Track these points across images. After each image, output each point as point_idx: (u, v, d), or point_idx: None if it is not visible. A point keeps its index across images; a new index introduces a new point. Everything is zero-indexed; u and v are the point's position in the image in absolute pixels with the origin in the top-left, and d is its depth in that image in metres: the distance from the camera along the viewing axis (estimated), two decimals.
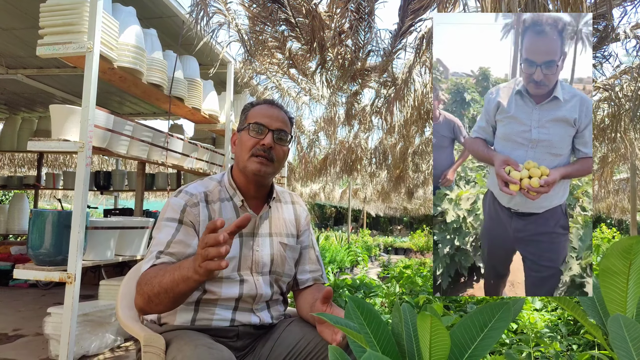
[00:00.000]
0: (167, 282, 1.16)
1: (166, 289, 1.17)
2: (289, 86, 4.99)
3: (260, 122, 1.43)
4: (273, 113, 1.47)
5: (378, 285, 3.88)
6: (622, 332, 0.68)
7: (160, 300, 1.19)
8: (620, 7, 2.51)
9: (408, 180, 8.72)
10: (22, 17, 3.59)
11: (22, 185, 6.91)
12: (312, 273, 1.57)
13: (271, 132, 1.43)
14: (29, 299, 4.83)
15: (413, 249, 13.62)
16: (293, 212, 1.61)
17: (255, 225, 1.47)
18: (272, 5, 2.94)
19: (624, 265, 0.78)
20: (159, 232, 1.36)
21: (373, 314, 0.86)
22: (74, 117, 2.72)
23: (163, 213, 1.40)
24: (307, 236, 1.62)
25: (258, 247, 1.46)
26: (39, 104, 6.29)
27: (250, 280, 1.42)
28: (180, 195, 1.42)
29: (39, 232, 2.62)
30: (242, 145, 1.44)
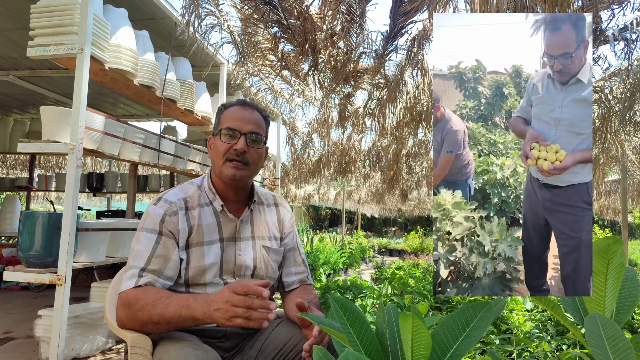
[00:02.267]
0: (171, 316, 1.18)
1: (169, 321, 1.19)
2: (282, 88, 5.00)
3: (231, 126, 1.41)
4: (245, 115, 1.44)
5: (369, 286, 3.89)
6: (598, 331, 0.69)
7: (159, 328, 1.22)
8: (608, 10, 2.53)
9: (402, 181, 8.74)
10: (13, 18, 3.58)
11: (14, 187, 6.87)
12: (297, 275, 1.57)
13: (244, 135, 1.41)
14: (20, 301, 4.81)
15: (407, 251, 13.64)
16: (276, 215, 1.61)
17: (236, 229, 1.47)
18: (264, 7, 2.94)
19: (602, 265, 0.79)
20: (138, 243, 1.35)
21: (356, 314, 0.87)
22: (65, 119, 2.71)
23: (142, 222, 1.39)
24: (292, 238, 1.61)
25: (240, 251, 1.45)
26: (31, 106, 6.26)
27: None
28: (159, 203, 1.40)
29: (29, 234, 2.61)
30: (216, 151, 1.43)
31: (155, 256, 1.31)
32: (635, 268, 10.01)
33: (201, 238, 1.40)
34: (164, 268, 1.32)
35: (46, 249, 2.60)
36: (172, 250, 1.35)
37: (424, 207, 17.46)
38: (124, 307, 1.25)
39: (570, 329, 0.88)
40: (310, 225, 21.85)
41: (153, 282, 1.29)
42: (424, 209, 18.13)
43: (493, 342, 2.43)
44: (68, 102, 5.74)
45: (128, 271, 1.32)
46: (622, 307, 0.85)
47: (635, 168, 7.31)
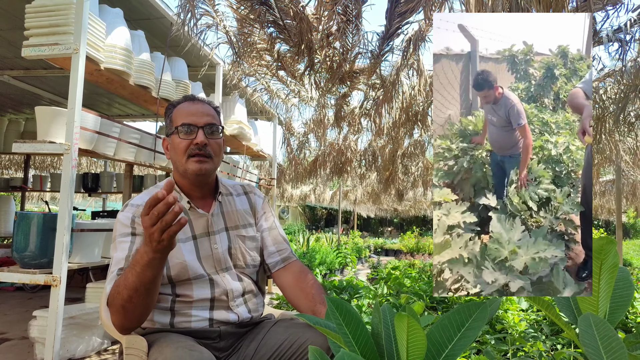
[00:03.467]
0: (132, 281, 1.15)
1: (135, 287, 1.15)
2: (278, 88, 5.00)
3: (186, 122, 1.40)
4: (197, 109, 1.44)
5: (365, 286, 3.89)
6: (591, 331, 0.70)
7: (135, 302, 1.17)
8: (602, 11, 2.55)
9: (398, 182, 8.75)
10: (7, 18, 3.56)
11: (9, 188, 6.84)
12: (279, 253, 1.55)
13: (201, 129, 1.40)
14: (15, 302, 4.79)
15: (403, 251, 13.66)
16: (247, 202, 1.60)
17: (208, 224, 1.47)
18: (260, 7, 2.94)
19: (596, 265, 0.80)
20: (116, 251, 1.35)
21: (352, 314, 0.87)
22: (60, 119, 2.70)
23: (115, 232, 1.39)
24: (266, 219, 1.60)
25: (216, 244, 1.46)
26: (26, 105, 6.23)
27: (218, 278, 1.42)
28: (127, 209, 1.41)
29: (24, 235, 2.60)
30: (176, 149, 1.42)
31: (133, 254, 1.31)
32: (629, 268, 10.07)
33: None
34: None
35: (41, 249, 2.59)
36: None
37: (419, 207, 17.48)
38: (112, 308, 1.24)
39: (564, 329, 0.88)
40: (306, 226, 21.84)
41: None
42: (419, 209, 18.16)
43: (488, 341, 2.44)
44: (63, 102, 5.72)
45: (109, 277, 1.32)
46: (615, 307, 0.85)
47: (629, 168, 7.35)
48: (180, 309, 1.38)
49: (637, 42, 2.76)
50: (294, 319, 1.49)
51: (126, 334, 1.27)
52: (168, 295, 1.38)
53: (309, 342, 1.30)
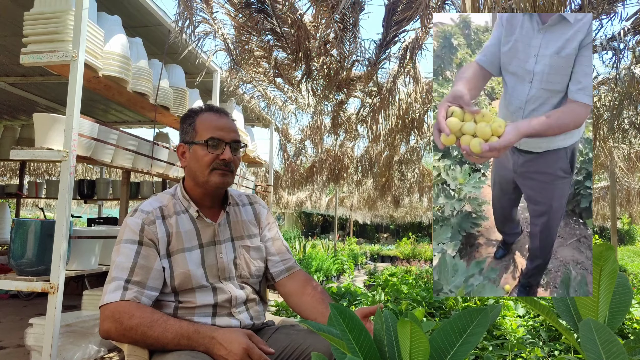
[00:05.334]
0: (168, 342, 1.21)
1: (164, 346, 1.21)
2: (275, 95, 5.01)
3: (215, 136, 1.42)
4: (225, 124, 1.46)
5: (363, 293, 3.89)
6: (592, 336, 0.71)
7: (150, 345, 1.24)
8: (596, 20, 2.59)
9: (394, 188, 8.78)
10: (4, 25, 3.57)
11: (4, 194, 6.80)
12: (283, 263, 1.58)
13: (228, 145, 1.43)
14: (9, 309, 4.75)
15: (399, 257, 13.66)
16: (252, 212, 1.62)
17: (215, 233, 1.48)
18: (258, 15, 2.96)
19: (595, 271, 0.81)
20: (119, 255, 1.35)
21: (355, 320, 0.88)
22: (58, 126, 2.70)
23: (121, 235, 1.39)
24: (270, 229, 1.63)
25: (221, 254, 1.47)
26: (22, 112, 6.21)
27: (222, 286, 1.43)
28: (136, 214, 1.41)
29: (21, 242, 2.59)
30: (199, 161, 1.43)
31: (138, 267, 1.32)
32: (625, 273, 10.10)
33: (181, 245, 1.41)
34: (147, 278, 1.32)
35: (38, 256, 2.58)
36: (154, 260, 1.35)
37: (415, 213, 17.52)
38: (113, 321, 1.24)
39: (564, 334, 0.89)
40: (302, 232, 21.81)
41: (139, 295, 1.29)
42: (415, 215, 18.19)
43: (487, 347, 2.45)
44: (59, 108, 5.71)
45: (111, 283, 1.31)
46: (614, 312, 0.86)
47: (623, 175, 7.41)
48: (183, 315, 1.38)
49: (630, 50, 2.80)
50: (295, 325, 1.49)
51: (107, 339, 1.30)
52: (171, 302, 1.38)
53: (311, 349, 1.30)
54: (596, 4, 2.24)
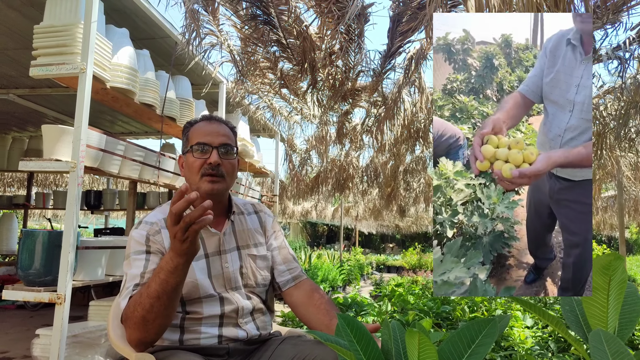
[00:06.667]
0: (155, 289, 1.16)
1: (158, 294, 1.16)
2: (280, 106, 5.04)
3: (202, 141, 1.42)
4: (213, 129, 1.46)
5: (370, 303, 3.87)
6: (602, 347, 0.70)
7: (156, 311, 1.17)
8: (601, 30, 2.59)
9: (399, 198, 8.76)
10: (14, 38, 3.62)
11: (12, 205, 6.85)
12: (290, 272, 1.57)
13: (215, 149, 1.42)
14: (16, 320, 4.76)
15: (405, 267, 13.59)
16: (258, 221, 1.62)
17: (220, 243, 1.48)
18: (264, 27, 2.99)
19: (604, 281, 0.80)
20: (130, 268, 1.35)
21: (363, 331, 0.87)
22: (66, 137, 2.73)
23: (128, 249, 1.40)
24: (276, 238, 1.62)
25: (227, 264, 1.46)
26: (30, 124, 6.28)
27: (228, 296, 1.43)
28: (140, 226, 1.42)
29: (29, 252, 2.60)
30: (190, 168, 1.44)
31: (148, 272, 1.32)
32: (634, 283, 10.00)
33: None
34: None
35: (46, 267, 2.59)
36: None
37: (421, 223, 17.45)
38: (126, 322, 1.24)
39: (574, 345, 0.89)
40: (307, 242, 21.77)
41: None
42: (421, 225, 18.11)
43: (495, 358, 2.43)
44: (67, 120, 5.77)
45: (123, 293, 1.32)
46: (624, 323, 0.86)
47: (630, 184, 7.36)
48: (190, 325, 1.38)
49: (636, 59, 2.80)
50: (302, 335, 1.49)
51: (142, 350, 1.26)
52: (178, 313, 1.38)
53: (318, 359, 1.30)
54: (601, 14, 2.24)
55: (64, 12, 2.60)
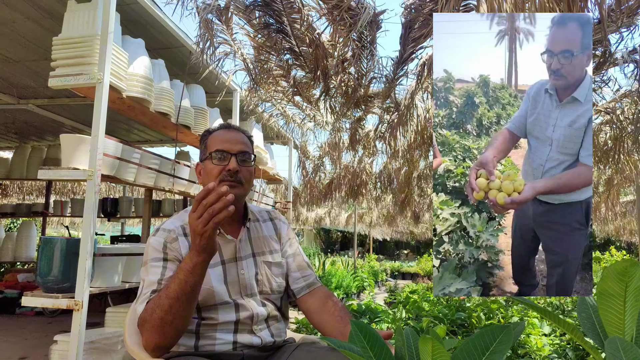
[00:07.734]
0: (174, 289, 1.18)
1: (177, 295, 1.18)
2: (293, 113, 5.07)
3: (221, 148, 1.45)
4: (232, 137, 1.48)
5: (384, 310, 3.85)
6: (619, 354, 0.70)
7: (174, 312, 1.19)
8: (616, 33, 2.57)
9: (413, 204, 8.72)
10: (33, 50, 3.71)
11: (31, 213, 6.98)
12: (304, 279, 1.57)
13: (234, 156, 1.44)
14: (35, 326, 4.83)
15: (420, 274, 13.49)
16: (273, 228, 1.63)
17: (236, 249, 1.49)
18: (277, 35, 3.02)
19: (620, 287, 0.80)
20: (147, 274, 1.37)
21: (376, 338, 0.87)
22: (84, 146, 2.78)
23: (146, 255, 1.41)
24: (291, 245, 1.63)
25: (243, 270, 1.47)
26: (49, 133, 6.40)
27: (244, 303, 1.43)
28: (158, 233, 1.43)
29: (47, 259, 2.65)
30: (208, 175, 1.46)
31: (165, 279, 1.33)
32: None
33: None
34: None
35: (64, 274, 2.63)
36: None
37: None
38: (143, 326, 1.25)
39: (591, 353, 0.88)
40: (321, 249, 21.74)
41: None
42: None
43: None
44: (84, 129, 5.87)
45: (140, 298, 1.34)
46: None
47: None
48: (205, 331, 1.39)
49: None
50: (316, 342, 1.49)
51: (158, 356, 1.27)
52: (194, 319, 1.39)
53: None
54: (615, 18, 2.22)
55: (81, 24, 2.66)
